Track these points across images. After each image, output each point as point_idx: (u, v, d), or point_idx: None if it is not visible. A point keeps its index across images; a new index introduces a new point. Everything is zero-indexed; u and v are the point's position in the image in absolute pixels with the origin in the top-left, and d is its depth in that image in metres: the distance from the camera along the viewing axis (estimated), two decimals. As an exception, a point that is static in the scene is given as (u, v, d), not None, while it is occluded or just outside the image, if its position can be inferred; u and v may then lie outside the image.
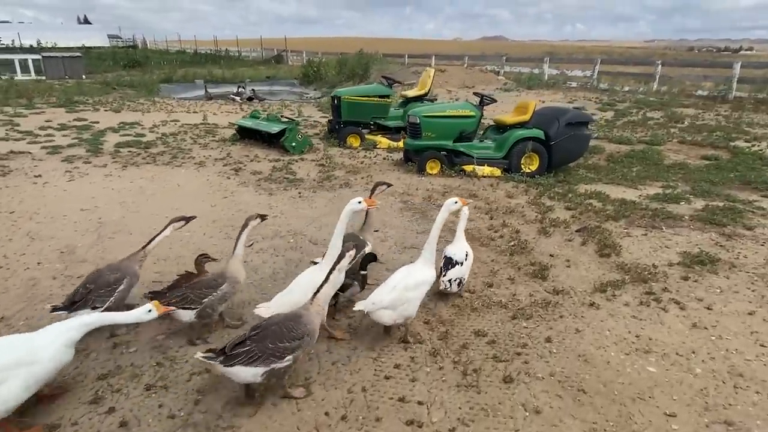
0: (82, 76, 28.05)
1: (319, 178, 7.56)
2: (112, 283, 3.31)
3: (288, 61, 40.19)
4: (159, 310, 2.71)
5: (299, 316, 2.75)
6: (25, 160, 8.12)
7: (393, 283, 3.27)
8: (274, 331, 2.65)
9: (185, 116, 13.88)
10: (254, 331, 2.66)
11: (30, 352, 2.43)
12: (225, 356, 2.54)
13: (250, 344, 2.59)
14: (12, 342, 2.48)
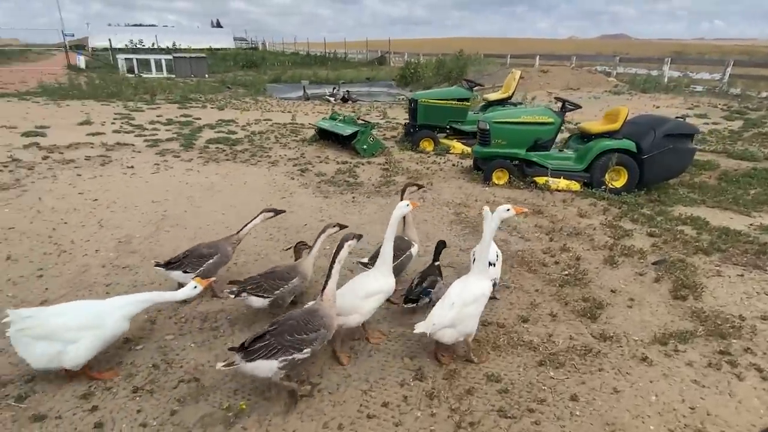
0: (205, 75, 30.94)
1: (379, 183, 7.37)
2: (204, 255, 3.84)
3: (390, 62, 40.65)
4: (202, 284, 3.09)
5: (315, 310, 2.84)
6: (126, 152, 9.00)
7: (451, 300, 3.06)
8: (292, 324, 2.71)
9: (278, 116, 14.55)
10: (272, 326, 2.72)
11: (98, 318, 2.86)
12: (245, 351, 2.58)
13: (269, 338, 2.64)
14: (85, 307, 2.93)
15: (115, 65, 31.50)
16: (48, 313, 2.82)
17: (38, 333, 2.73)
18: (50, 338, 2.73)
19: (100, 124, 11.67)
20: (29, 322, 2.73)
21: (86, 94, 17.68)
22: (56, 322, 2.76)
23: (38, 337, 2.73)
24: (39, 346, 2.73)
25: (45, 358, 2.76)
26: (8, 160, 7.91)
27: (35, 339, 2.73)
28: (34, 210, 5.78)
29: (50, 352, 2.74)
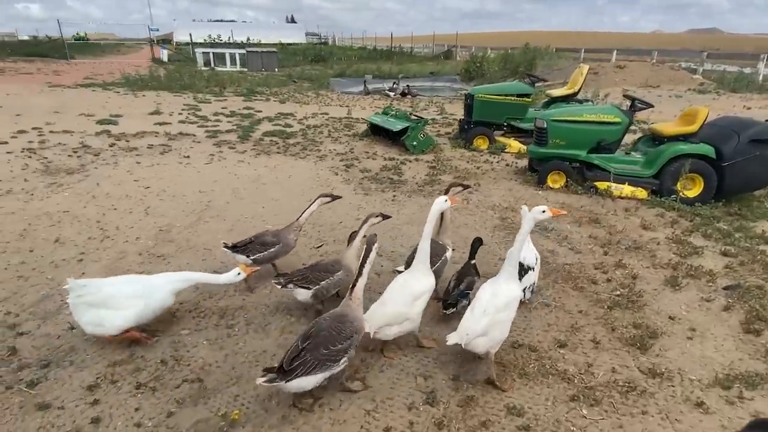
0: (274, 69, 31.86)
1: (423, 181, 7.05)
2: (267, 243, 3.93)
3: (456, 56, 39.77)
4: (246, 271, 3.31)
5: (344, 315, 2.77)
6: (186, 142, 9.32)
7: (482, 307, 2.87)
8: (325, 336, 2.63)
9: (336, 110, 14.56)
10: (306, 341, 2.61)
11: (147, 289, 3.13)
12: (284, 372, 2.50)
13: (305, 354, 2.55)
14: (137, 279, 3.22)
15: (194, 59, 33.23)
16: (102, 283, 3.09)
17: (92, 300, 3.00)
18: (102, 306, 3.00)
19: (168, 114, 12.23)
20: (85, 290, 3.00)
21: (162, 85, 18.72)
22: (109, 291, 3.04)
23: (92, 304, 3.00)
24: (90, 313, 3.00)
25: (92, 325, 3.03)
26: (79, 146, 8.44)
27: (89, 306, 3.00)
28: (90, 195, 6.06)
29: (99, 318, 3.01)
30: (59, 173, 6.87)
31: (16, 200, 5.74)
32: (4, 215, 5.28)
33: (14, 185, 6.25)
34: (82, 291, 3.00)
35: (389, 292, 3.12)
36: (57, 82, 18.52)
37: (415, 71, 30.49)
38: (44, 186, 6.29)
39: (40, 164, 7.23)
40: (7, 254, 4.43)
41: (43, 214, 5.37)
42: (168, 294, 3.21)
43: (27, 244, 4.66)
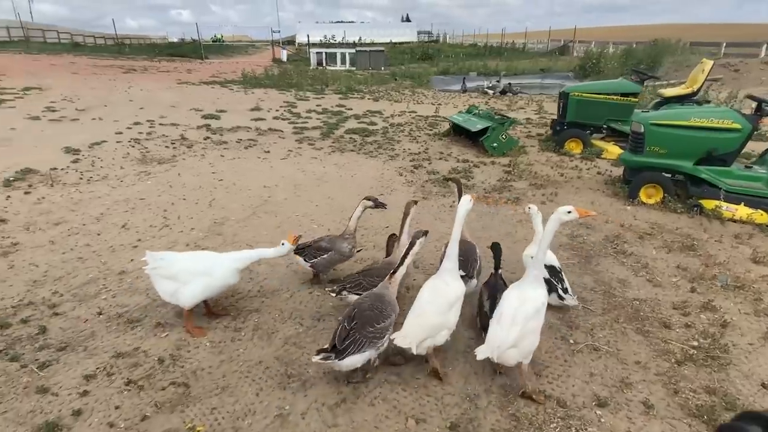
0: (381, 68, 32.36)
1: (492, 187, 6.43)
2: (321, 249, 3.86)
3: (573, 52, 36.87)
4: (291, 241, 3.41)
5: (383, 295, 2.88)
6: (272, 137, 9.67)
7: (510, 315, 2.67)
8: (369, 316, 2.74)
9: (425, 108, 14.20)
10: (353, 321, 2.71)
11: (212, 267, 3.26)
12: (337, 351, 2.60)
13: (354, 333, 2.65)
14: (202, 256, 3.39)
15: (309, 58, 35.04)
16: (175, 258, 3.30)
17: (164, 273, 3.22)
18: (173, 279, 3.21)
19: (267, 111, 12.87)
20: (160, 263, 3.22)
21: (273, 83, 19.90)
22: (179, 266, 3.22)
23: (165, 276, 3.22)
24: (164, 284, 3.23)
25: (167, 294, 3.24)
26: (178, 139, 9.16)
27: (162, 278, 3.23)
28: (168, 184, 6.48)
29: (171, 289, 3.22)
30: (151, 163, 7.48)
31: (106, 185, 6.33)
32: (90, 199, 5.83)
33: (110, 171, 6.91)
34: (157, 263, 3.22)
35: (421, 301, 2.88)
36: (186, 80, 20.61)
37: (525, 68, 28.83)
38: (134, 174, 6.87)
39: (139, 154, 7.95)
40: (80, 235, 4.84)
41: (123, 200, 5.83)
42: (231, 272, 3.30)
43: (98, 227, 5.05)
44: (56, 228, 4.98)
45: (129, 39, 52.51)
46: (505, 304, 2.72)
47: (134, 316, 3.50)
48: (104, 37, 49.99)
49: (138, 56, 36.14)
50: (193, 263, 3.26)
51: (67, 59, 28.66)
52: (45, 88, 15.29)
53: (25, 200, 5.69)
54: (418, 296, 2.90)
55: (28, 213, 5.32)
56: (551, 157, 8.13)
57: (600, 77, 24.15)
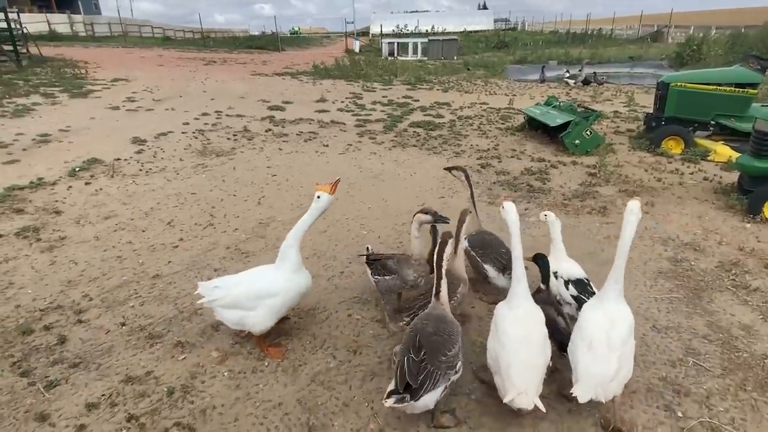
0: (453, 57, 31.25)
1: (573, 193, 5.53)
2: (386, 269, 3.28)
3: (668, 38, 33.35)
4: (325, 190, 2.94)
5: (444, 316, 2.44)
6: (333, 130, 9.27)
7: (602, 341, 2.22)
8: (438, 342, 2.28)
9: (498, 99, 13.19)
10: (420, 351, 2.22)
11: (270, 286, 2.82)
12: (412, 390, 2.14)
13: (427, 366, 2.18)
14: (257, 276, 2.92)
15: (381, 49, 34.63)
16: (230, 283, 2.87)
17: (226, 303, 2.82)
18: (235, 307, 2.81)
19: (332, 102, 12.56)
20: (217, 293, 2.82)
21: (341, 74, 19.67)
22: (236, 292, 2.80)
23: (226, 306, 2.82)
24: (227, 313, 2.84)
25: (234, 323, 2.86)
26: (240, 130, 9.03)
27: (224, 308, 2.83)
28: (222, 179, 6.24)
29: (236, 317, 2.83)
30: (210, 155, 7.33)
31: (162, 178, 6.21)
32: (144, 192, 5.71)
33: (169, 163, 6.83)
34: (213, 295, 2.84)
35: (512, 339, 2.30)
36: (259, 71, 20.95)
37: (611, 55, 26.43)
38: (192, 167, 6.73)
39: (201, 145, 7.86)
40: (125, 231, 4.67)
41: (175, 194, 5.65)
42: (293, 283, 2.88)
43: (145, 222, 4.87)
44: (105, 222, 4.85)
45: (213, 33, 55.17)
46: (592, 326, 2.28)
47: (156, 331, 3.16)
48: (192, 32, 52.89)
49: (220, 49, 37.71)
50: (250, 286, 2.84)
51: (156, 52, 30.44)
52: (131, 79, 16.09)
53: (84, 191, 5.68)
54: (500, 335, 2.35)
55: (83, 205, 5.27)
56: (645, 157, 6.98)
57: (700, 66, 21.49)
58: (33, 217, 4.89)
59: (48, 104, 10.87)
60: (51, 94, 12.06)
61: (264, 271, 2.96)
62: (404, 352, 2.25)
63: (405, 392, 2.11)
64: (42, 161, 6.72)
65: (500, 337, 2.33)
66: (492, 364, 2.37)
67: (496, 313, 2.49)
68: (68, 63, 19.72)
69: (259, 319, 2.79)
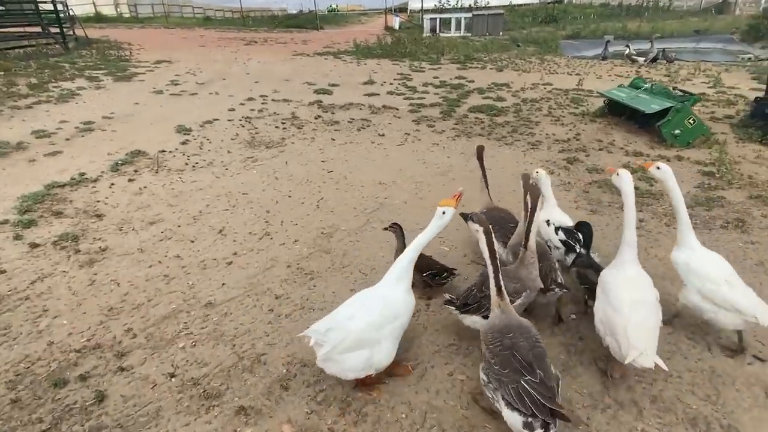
0: (499, 33, 29.48)
1: (693, 199, 4.53)
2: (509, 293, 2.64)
3: (736, 9, 30.32)
4: (449, 204, 2.45)
5: (520, 323, 2.22)
6: (386, 117, 8.43)
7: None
8: (539, 353, 2.08)
9: (562, 79, 11.95)
10: (535, 371, 1.98)
11: (386, 309, 2.36)
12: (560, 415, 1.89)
13: (550, 383, 1.98)
14: (369, 302, 2.38)
15: (422, 25, 33.07)
16: (342, 320, 2.30)
17: (347, 345, 2.26)
18: (360, 347, 2.29)
19: (380, 84, 11.67)
20: (335, 336, 2.24)
21: (386, 53, 18.64)
22: (361, 326, 2.28)
23: (348, 350, 2.27)
24: (350, 360, 2.29)
25: (360, 369, 2.32)
26: (289, 117, 8.33)
27: (346, 352, 2.27)
28: (274, 176, 5.56)
29: (362, 361, 2.30)
30: (260, 146, 6.67)
31: (210, 174, 5.59)
32: (192, 191, 5.10)
33: (217, 157, 6.20)
34: (332, 340, 2.23)
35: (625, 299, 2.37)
36: (301, 51, 20.16)
37: (674, 29, 24.15)
38: (240, 160, 6.08)
39: (248, 135, 7.21)
40: (172, 241, 4.07)
41: (225, 194, 5.02)
42: (407, 301, 2.45)
43: (194, 230, 4.25)
44: (150, 229, 4.26)
45: (252, 12, 54.60)
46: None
47: (212, 387, 2.52)
48: (231, 11, 52.48)
49: (259, 28, 37.08)
50: (372, 314, 2.31)
51: (198, 33, 30.11)
52: (173, 61, 15.66)
53: (127, 189, 5.13)
54: (611, 300, 2.41)
55: (126, 207, 4.71)
56: (762, 151, 5.84)
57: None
58: (73, 222, 4.35)
59: (92, 88, 10.49)
60: (96, 78, 11.70)
61: (375, 294, 2.42)
62: (513, 375, 1.98)
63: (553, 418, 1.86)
64: (84, 153, 6.23)
65: (612, 302, 2.39)
66: (602, 329, 2.44)
67: (603, 280, 2.54)
68: (113, 45, 19.52)
69: (387, 350, 2.35)
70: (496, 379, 2.04)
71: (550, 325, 2.99)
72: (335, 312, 2.36)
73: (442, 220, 2.42)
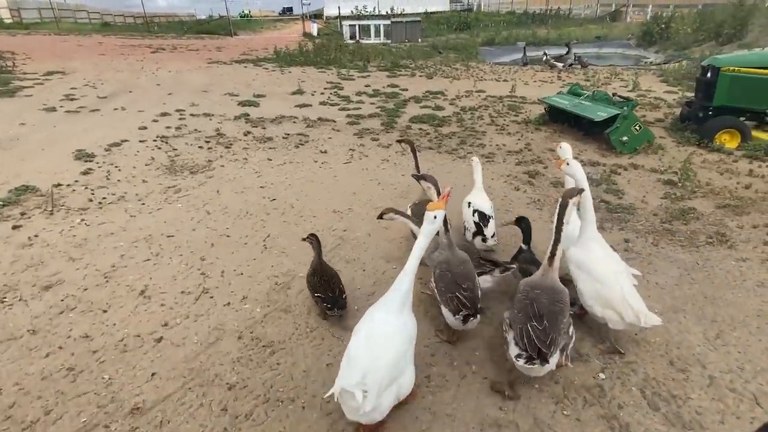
0: (418, 40, 29.73)
1: (665, 212, 4.35)
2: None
3: (627, 17, 33.21)
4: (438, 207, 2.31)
5: (554, 286, 2.40)
6: (325, 130, 7.71)
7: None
8: (555, 311, 2.28)
9: (493, 86, 11.95)
10: (542, 320, 2.24)
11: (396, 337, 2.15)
12: (541, 355, 2.16)
13: (551, 333, 2.21)
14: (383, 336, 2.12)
15: (341, 32, 32.51)
16: (366, 364, 2.01)
17: (383, 387, 2.02)
18: (392, 383, 2.09)
19: (311, 94, 10.90)
20: (372, 380, 1.97)
21: (309, 60, 17.81)
22: (389, 362, 2.05)
23: (382, 391, 2.02)
24: (385, 398, 2.06)
25: (390, 405, 2.13)
26: (213, 135, 7.31)
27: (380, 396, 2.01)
28: (205, 209, 4.64)
29: (394, 394, 2.12)
30: (182, 172, 5.66)
31: (123, 212, 4.54)
32: (100, 237, 4.05)
33: (130, 188, 5.13)
34: (375, 389, 1.96)
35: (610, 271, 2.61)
36: (217, 59, 18.69)
37: (578, 36, 25.76)
38: (160, 192, 5.06)
39: (167, 158, 6.14)
40: (77, 313, 3.07)
41: (144, 239, 4.04)
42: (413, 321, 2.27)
43: (106, 294, 3.27)
44: (44, 297, 3.22)
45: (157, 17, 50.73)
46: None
47: None
48: (133, 16, 48.34)
49: (166, 35, 34.35)
50: (394, 348, 2.10)
51: (95, 39, 27.10)
52: (68, 71, 13.68)
53: (11, 240, 3.96)
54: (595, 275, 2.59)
55: (9, 266, 3.59)
56: (705, 155, 5.94)
57: (669, 44, 21.15)
58: (-72, 298, 3.19)
59: (-38, 107, 8.65)
60: (-34, 94, 9.73)
61: (386, 323, 2.16)
62: (524, 320, 2.27)
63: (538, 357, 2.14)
64: (-51, 194, 4.87)
65: (599, 278, 2.54)
66: (594, 304, 2.59)
67: (577, 259, 2.70)
68: (-10, 54, 16.77)
69: (410, 376, 2.22)
70: (511, 322, 2.36)
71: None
72: (351, 358, 2.06)
73: (434, 224, 2.27)
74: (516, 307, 2.37)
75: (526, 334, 2.22)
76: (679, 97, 9.81)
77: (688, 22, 21.15)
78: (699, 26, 20.53)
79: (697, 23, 20.77)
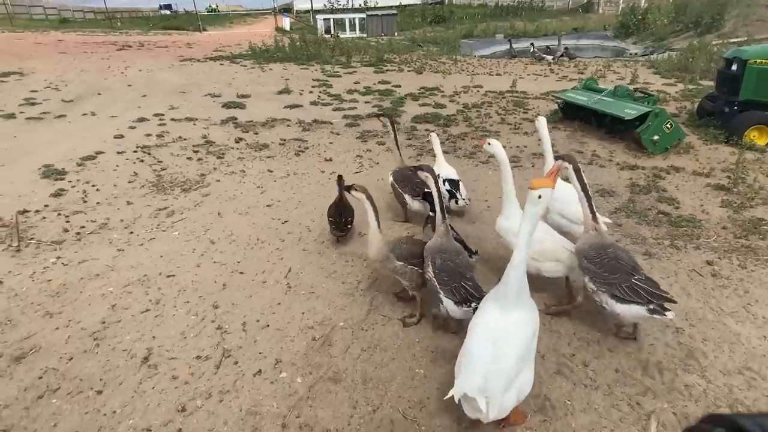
0: (394, 34, 29.05)
1: (733, 223, 3.87)
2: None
3: (599, 9, 33.34)
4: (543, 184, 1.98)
5: (612, 241, 2.65)
6: (324, 134, 6.99)
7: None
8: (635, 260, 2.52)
9: (488, 80, 11.41)
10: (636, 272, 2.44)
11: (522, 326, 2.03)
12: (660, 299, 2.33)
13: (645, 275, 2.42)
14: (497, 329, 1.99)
15: (315, 26, 31.43)
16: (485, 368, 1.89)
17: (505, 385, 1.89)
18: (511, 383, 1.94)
19: (299, 93, 10.11)
20: (493, 385, 1.85)
21: (288, 56, 16.90)
22: (513, 361, 1.91)
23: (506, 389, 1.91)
24: (509, 395, 1.94)
25: (513, 404, 1.97)
26: (201, 143, 6.49)
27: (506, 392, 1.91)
28: (207, 238, 3.90)
29: (515, 393, 1.96)
30: (173, 189, 4.87)
31: (107, 245, 3.76)
32: (83, 282, 3.27)
33: (113, 213, 4.32)
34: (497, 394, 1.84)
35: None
36: (189, 56, 17.52)
37: (555, 28, 25.58)
38: (150, 215, 4.28)
39: (152, 173, 5.32)
40: (60, 397, 2.32)
41: (138, 281, 3.28)
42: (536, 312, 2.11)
43: (97, 364, 2.54)
44: (17, 373, 2.46)
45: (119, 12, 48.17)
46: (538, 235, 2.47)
47: None
48: (93, 12, 45.73)
49: (131, 31, 32.51)
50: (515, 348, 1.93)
51: (54, 37, 25.22)
52: (26, 72, 12.40)
53: (-32, 292, 3.14)
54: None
55: (-34, 330, 2.79)
56: (735, 154, 5.52)
57: (647, 35, 21.13)
58: None
59: None
60: None
61: (507, 320, 2.00)
62: (625, 276, 2.41)
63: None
64: None
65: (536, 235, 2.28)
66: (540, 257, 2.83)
67: (502, 226, 2.99)
68: (-64, 54, 15.18)
69: (531, 373, 2.04)
70: (606, 284, 2.44)
71: None
72: (470, 359, 1.95)
73: (539, 205, 1.96)
74: (603, 269, 2.48)
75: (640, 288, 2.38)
76: (680, 90, 9.50)
77: (664, 13, 21.16)
78: (675, 17, 20.57)
79: (673, 14, 20.81)
